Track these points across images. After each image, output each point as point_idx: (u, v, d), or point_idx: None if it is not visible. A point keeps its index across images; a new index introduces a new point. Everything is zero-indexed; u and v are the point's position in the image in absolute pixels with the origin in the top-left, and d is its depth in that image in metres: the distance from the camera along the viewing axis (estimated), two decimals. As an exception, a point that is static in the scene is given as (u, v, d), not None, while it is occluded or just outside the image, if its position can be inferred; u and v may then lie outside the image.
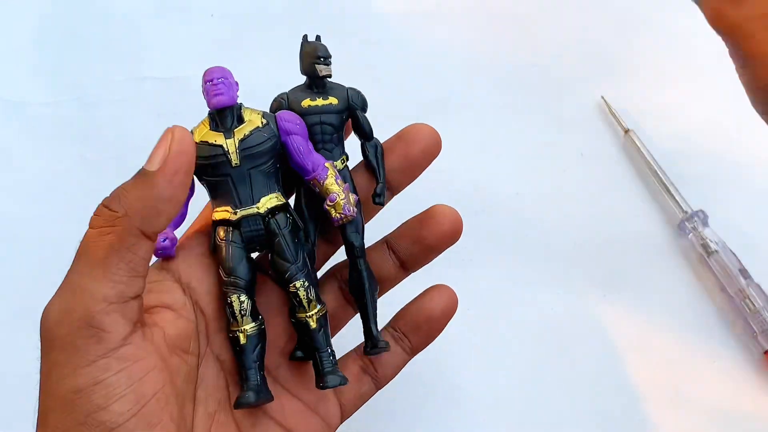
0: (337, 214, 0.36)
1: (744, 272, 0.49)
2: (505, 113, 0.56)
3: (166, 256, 0.35)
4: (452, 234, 0.39)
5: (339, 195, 0.36)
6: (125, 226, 0.30)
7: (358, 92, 0.39)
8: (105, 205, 0.30)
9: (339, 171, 0.38)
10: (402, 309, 0.40)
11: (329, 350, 0.36)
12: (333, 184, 0.36)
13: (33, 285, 0.51)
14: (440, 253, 0.40)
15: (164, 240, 0.35)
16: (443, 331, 0.50)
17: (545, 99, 0.56)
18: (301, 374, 0.38)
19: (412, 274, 0.41)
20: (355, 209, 0.37)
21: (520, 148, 0.55)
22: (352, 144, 0.39)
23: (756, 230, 0.52)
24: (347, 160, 0.39)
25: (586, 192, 0.53)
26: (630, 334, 0.50)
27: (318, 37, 0.38)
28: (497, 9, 0.58)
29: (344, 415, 0.39)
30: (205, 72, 0.35)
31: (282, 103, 0.38)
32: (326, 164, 0.36)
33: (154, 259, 0.34)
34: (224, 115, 0.35)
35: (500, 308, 0.51)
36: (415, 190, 0.53)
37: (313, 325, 0.36)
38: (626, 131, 0.53)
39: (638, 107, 0.55)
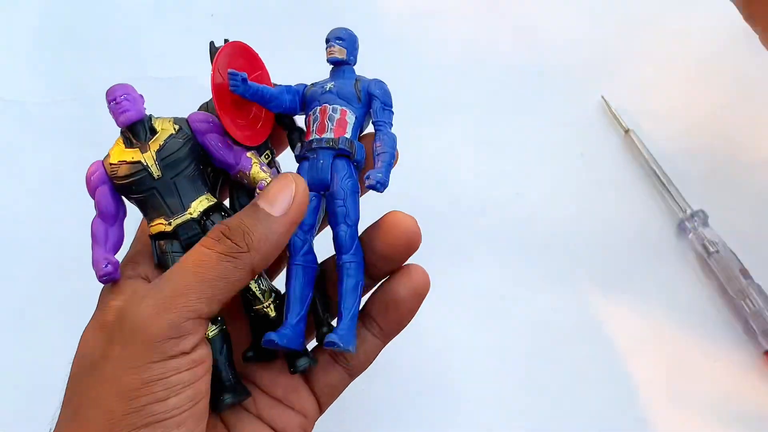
0: None
1: (744, 272, 0.49)
2: (505, 113, 0.56)
3: (111, 280, 0.35)
4: (407, 243, 0.37)
5: (266, 181, 0.35)
6: (244, 262, 0.32)
7: None
8: (227, 236, 0.32)
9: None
10: (371, 293, 0.39)
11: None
12: (259, 171, 0.36)
13: (33, 284, 0.51)
14: (397, 264, 0.38)
15: (106, 265, 0.34)
16: (442, 332, 0.50)
17: (545, 99, 0.56)
18: (268, 370, 0.38)
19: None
20: None
21: (520, 148, 0.55)
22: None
23: (756, 230, 0.52)
24: (272, 155, 0.39)
25: (586, 192, 0.53)
26: (630, 334, 0.50)
27: (226, 41, 0.38)
28: (497, 9, 0.59)
29: (322, 406, 0.39)
30: (107, 92, 0.35)
31: (207, 109, 0.38)
32: (248, 154, 0.36)
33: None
34: (136, 131, 0.35)
35: (500, 308, 0.50)
36: (416, 191, 0.53)
37: (272, 314, 0.36)
38: (626, 131, 0.53)
39: (638, 107, 0.55)
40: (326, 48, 0.37)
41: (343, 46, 0.37)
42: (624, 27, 0.57)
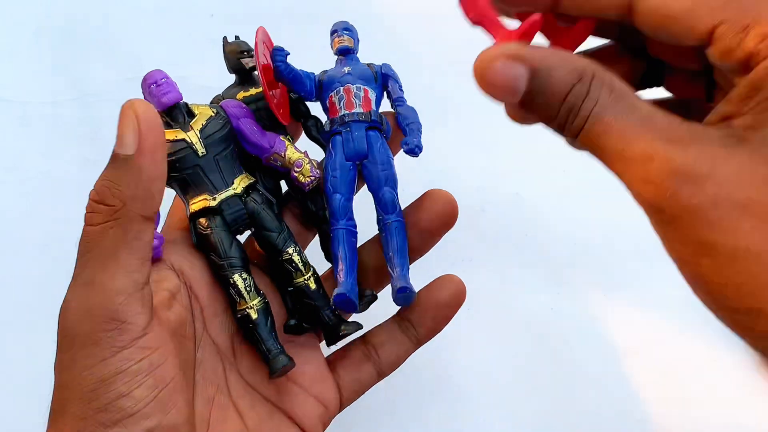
0: (306, 179, 0.38)
1: (744, 272, 0.49)
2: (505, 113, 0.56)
3: (157, 258, 0.36)
4: (447, 215, 0.39)
5: (304, 160, 0.38)
6: (127, 216, 0.30)
7: None
8: (98, 201, 0.30)
9: None
10: None
11: (332, 307, 0.37)
12: (294, 152, 0.38)
13: (33, 284, 0.51)
14: (438, 238, 0.40)
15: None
16: (442, 332, 0.50)
17: (545, 99, 0.56)
18: (296, 356, 0.37)
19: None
20: (318, 171, 0.38)
21: (520, 148, 0.55)
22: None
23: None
24: (292, 141, 0.40)
25: (587, 192, 0.53)
26: (630, 334, 0.50)
27: (237, 38, 0.40)
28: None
29: (343, 402, 0.39)
30: (146, 77, 0.36)
31: (220, 101, 0.39)
32: (281, 138, 0.38)
33: None
34: (174, 114, 0.36)
35: (500, 308, 0.51)
36: (416, 190, 0.53)
37: (312, 286, 0.37)
38: (626, 131, 0.53)
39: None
40: (334, 38, 0.40)
41: (350, 36, 0.40)
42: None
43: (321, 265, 0.40)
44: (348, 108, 0.38)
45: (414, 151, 0.37)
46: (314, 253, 0.40)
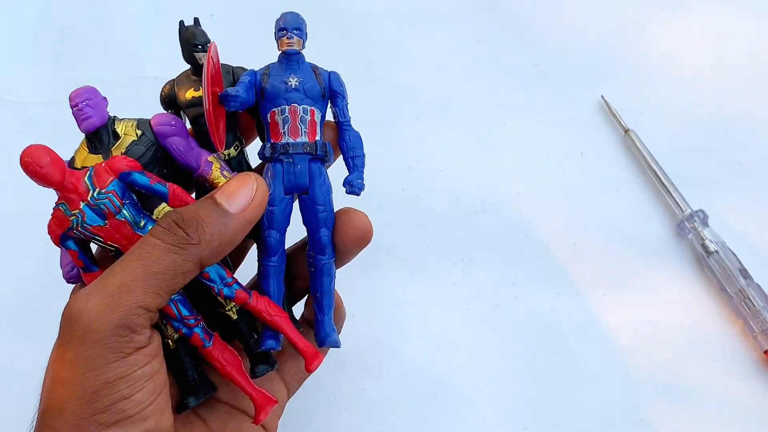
0: None
1: (744, 272, 0.49)
2: (505, 113, 0.56)
3: (78, 282, 0.37)
4: (362, 238, 0.37)
5: None
6: (191, 254, 0.31)
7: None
8: (180, 226, 0.31)
9: (232, 158, 0.38)
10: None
11: (255, 337, 0.37)
12: (219, 177, 0.36)
13: (33, 284, 0.51)
14: (351, 258, 0.38)
15: (72, 268, 0.36)
16: (442, 332, 0.50)
17: (545, 99, 0.56)
18: (242, 358, 0.38)
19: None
20: None
21: (520, 148, 0.55)
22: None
23: (756, 230, 0.52)
24: (241, 145, 0.39)
25: (586, 192, 0.53)
26: (630, 334, 0.50)
27: (196, 21, 0.37)
28: (497, 9, 0.58)
29: (290, 392, 0.40)
30: (70, 96, 0.35)
31: (170, 92, 0.38)
32: (209, 158, 0.36)
33: None
34: (99, 135, 0.35)
35: (500, 307, 0.51)
36: (416, 190, 0.53)
37: (234, 317, 0.37)
38: (626, 131, 0.53)
39: (638, 107, 0.55)
40: (281, 37, 0.36)
41: (300, 36, 0.37)
42: (624, 27, 0.57)
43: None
44: (292, 135, 0.36)
45: (356, 192, 0.36)
46: (250, 266, 0.40)
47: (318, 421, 0.47)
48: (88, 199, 0.33)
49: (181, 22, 0.37)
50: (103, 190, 0.33)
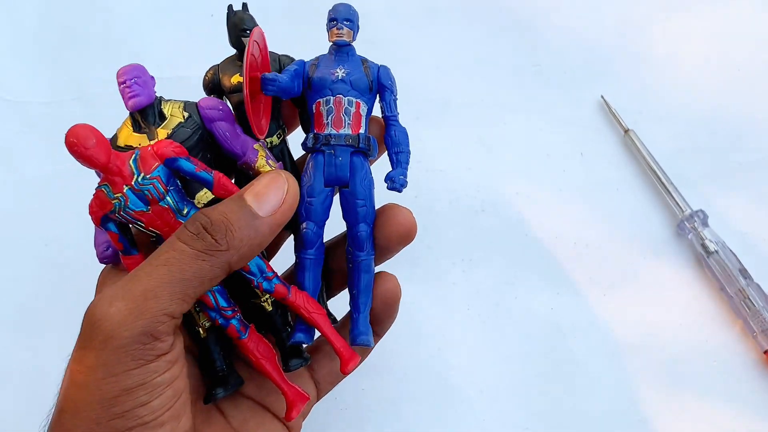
0: None
1: (744, 272, 0.49)
2: (505, 113, 0.56)
3: (111, 263, 0.36)
4: (405, 234, 0.37)
5: None
6: (220, 260, 0.30)
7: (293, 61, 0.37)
8: (209, 231, 0.30)
9: (274, 147, 0.37)
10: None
11: (289, 330, 0.36)
12: (264, 165, 0.35)
13: (33, 284, 0.51)
14: (393, 254, 0.38)
15: (107, 249, 0.35)
16: (441, 332, 0.50)
17: (545, 99, 0.56)
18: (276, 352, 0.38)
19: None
20: None
21: (520, 147, 0.55)
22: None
23: (756, 230, 0.52)
24: (284, 133, 0.38)
25: (586, 192, 0.53)
26: (629, 334, 0.50)
27: (244, 6, 0.37)
28: (497, 9, 0.58)
29: (320, 393, 0.40)
30: (118, 73, 0.34)
31: (213, 77, 0.37)
32: (255, 146, 0.36)
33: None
34: (145, 114, 0.34)
35: (500, 307, 0.51)
36: (416, 190, 0.53)
37: (268, 308, 0.36)
38: (626, 131, 0.53)
39: (638, 107, 0.55)
40: (332, 28, 0.36)
41: (351, 28, 0.36)
42: (624, 27, 0.57)
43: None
44: (336, 126, 0.35)
45: (398, 189, 0.35)
46: (287, 257, 0.40)
47: (318, 421, 0.47)
48: (132, 183, 0.32)
49: (230, 7, 0.37)
50: (147, 176, 0.32)
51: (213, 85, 0.38)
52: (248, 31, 0.35)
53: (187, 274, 0.30)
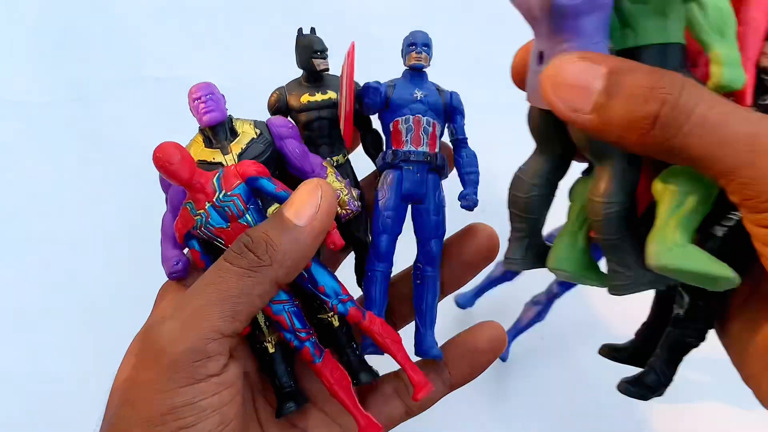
0: (343, 211, 0.36)
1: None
2: (506, 113, 0.56)
3: (180, 278, 0.35)
4: (489, 249, 0.38)
5: (342, 191, 0.36)
6: (266, 276, 0.31)
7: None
8: (250, 249, 0.31)
9: (340, 165, 0.38)
10: (447, 341, 0.39)
11: (354, 346, 0.37)
12: (334, 181, 0.36)
13: (33, 283, 0.51)
14: (478, 271, 0.39)
15: (176, 263, 0.35)
16: (443, 332, 0.50)
17: (545, 99, 0.56)
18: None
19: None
20: (359, 203, 0.37)
21: (521, 147, 0.55)
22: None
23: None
24: (346, 153, 0.39)
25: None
26: (630, 334, 0.50)
27: (313, 30, 0.38)
28: (497, 9, 0.59)
29: (409, 414, 0.39)
30: (191, 90, 0.35)
31: (280, 97, 0.38)
32: (324, 163, 0.36)
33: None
34: (216, 131, 0.35)
35: (500, 307, 0.51)
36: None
37: (335, 323, 0.36)
38: (626, 131, 0.53)
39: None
40: (411, 52, 0.37)
41: (428, 53, 0.38)
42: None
43: (352, 287, 0.38)
44: (415, 144, 0.37)
45: (470, 207, 0.37)
46: (346, 275, 0.39)
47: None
48: (214, 200, 0.33)
49: (300, 30, 0.38)
50: (228, 192, 0.33)
51: (280, 105, 0.38)
52: (319, 52, 0.37)
53: (234, 291, 0.30)
